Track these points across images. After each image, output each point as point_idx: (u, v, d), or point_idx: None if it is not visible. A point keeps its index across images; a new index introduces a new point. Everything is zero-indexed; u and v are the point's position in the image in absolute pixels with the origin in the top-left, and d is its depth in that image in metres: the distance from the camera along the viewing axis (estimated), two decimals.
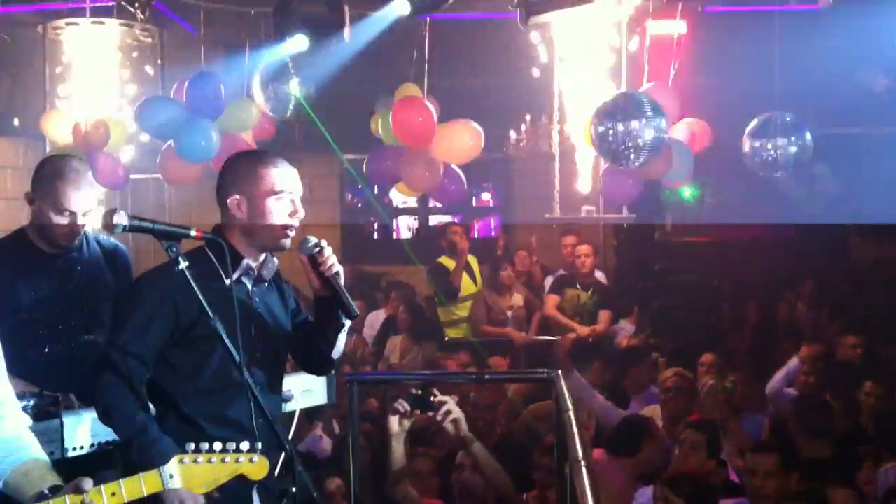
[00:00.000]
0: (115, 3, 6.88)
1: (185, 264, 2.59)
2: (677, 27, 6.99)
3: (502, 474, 3.96)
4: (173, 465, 2.25)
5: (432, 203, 11.38)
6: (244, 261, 2.87)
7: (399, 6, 6.41)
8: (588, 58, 6.92)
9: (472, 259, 8.33)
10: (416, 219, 11.89)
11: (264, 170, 2.86)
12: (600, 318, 7.82)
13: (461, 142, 6.94)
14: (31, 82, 7.97)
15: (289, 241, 2.93)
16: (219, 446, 2.27)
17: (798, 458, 4.64)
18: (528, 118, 8.88)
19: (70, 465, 2.93)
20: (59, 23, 7.30)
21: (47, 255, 3.47)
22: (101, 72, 7.34)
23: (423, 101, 6.81)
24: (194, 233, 2.64)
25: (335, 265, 2.91)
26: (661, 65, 6.84)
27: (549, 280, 8.52)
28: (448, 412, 3.65)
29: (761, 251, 10.09)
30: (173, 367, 2.83)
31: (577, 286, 7.94)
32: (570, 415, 3.23)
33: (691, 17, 7.09)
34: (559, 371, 3.98)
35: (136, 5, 6.86)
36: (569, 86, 7.32)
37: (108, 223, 2.52)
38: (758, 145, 6.17)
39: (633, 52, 6.79)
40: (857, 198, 9.74)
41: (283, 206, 2.86)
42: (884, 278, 9.61)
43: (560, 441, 3.39)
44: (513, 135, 8.96)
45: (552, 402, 3.94)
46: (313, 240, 2.90)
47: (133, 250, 4.12)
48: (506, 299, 8.10)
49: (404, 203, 11.75)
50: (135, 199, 8.14)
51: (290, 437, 3.30)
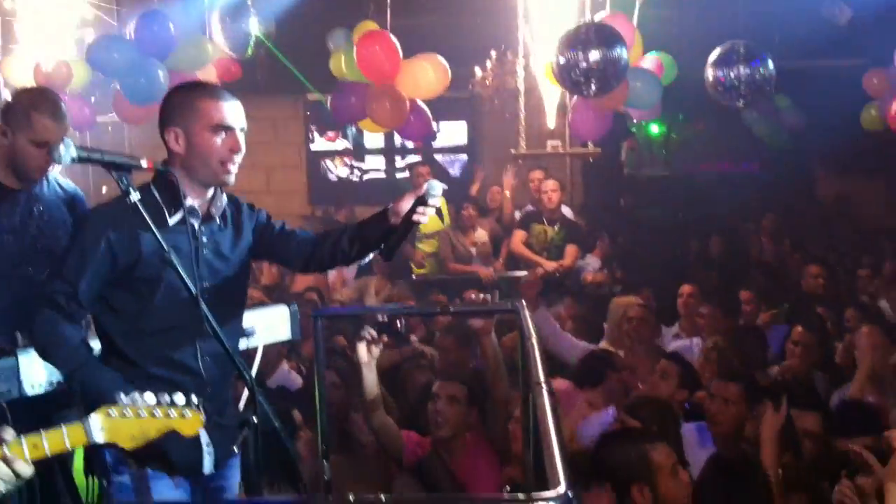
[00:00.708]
0: None
1: (136, 196, 2.53)
2: None
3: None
4: (99, 418, 2.16)
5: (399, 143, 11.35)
6: (186, 200, 2.73)
7: None
8: None
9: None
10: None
11: (202, 102, 2.70)
12: (567, 253, 7.83)
13: (426, 77, 6.86)
14: None
15: (231, 177, 2.76)
16: (151, 399, 2.17)
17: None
18: (494, 55, 8.79)
19: (28, 405, 2.89)
20: None
21: (11, 191, 3.41)
22: (60, 12, 7.16)
23: (388, 35, 6.70)
24: (145, 163, 2.56)
25: (424, 220, 2.82)
26: None
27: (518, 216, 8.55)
28: None
29: (727, 186, 10.16)
30: (116, 311, 2.75)
31: (544, 221, 7.94)
32: (534, 342, 3.25)
33: None
34: (523, 301, 4.01)
35: None
36: (533, 21, 7.24)
37: (57, 154, 2.45)
38: (720, 74, 6.16)
39: None
40: (821, 132, 9.78)
41: (221, 140, 2.70)
42: (847, 211, 9.75)
43: (524, 367, 3.41)
44: (478, 72, 8.86)
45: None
46: (439, 192, 2.79)
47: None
48: (469, 236, 8.11)
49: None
50: (94, 141, 8.00)
51: (255, 374, 3.26)
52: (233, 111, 2.74)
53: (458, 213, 8.29)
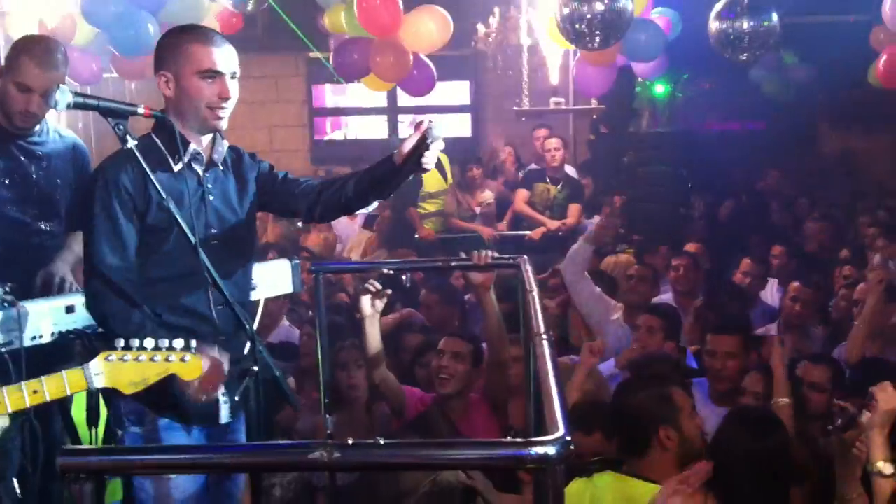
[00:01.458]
0: None
1: (133, 143, 2.51)
2: None
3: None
4: (99, 363, 2.18)
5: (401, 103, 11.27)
6: (191, 145, 2.73)
7: None
8: None
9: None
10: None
11: (192, 46, 2.66)
12: (570, 212, 7.82)
13: (428, 29, 6.79)
14: None
15: (222, 123, 2.73)
16: (150, 343, 2.20)
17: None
18: (497, 11, 8.69)
19: (29, 355, 2.89)
20: None
21: (10, 135, 3.39)
22: None
23: None
24: (142, 110, 2.53)
25: (431, 164, 2.75)
26: None
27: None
28: None
29: (731, 142, 10.09)
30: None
31: (547, 180, 7.92)
32: (534, 294, 3.24)
33: None
34: (525, 257, 4.00)
35: None
36: None
37: (52, 100, 2.43)
38: (724, 27, 6.09)
39: None
40: (827, 89, 9.70)
41: (209, 86, 2.66)
42: (850, 168, 9.69)
43: (525, 320, 3.41)
44: (481, 28, 8.77)
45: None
46: (442, 133, 2.71)
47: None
48: (476, 196, 8.07)
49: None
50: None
51: (256, 328, 3.26)
52: (223, 56, 2.70)
53: (464, 174, 8.24)
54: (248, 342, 2.75)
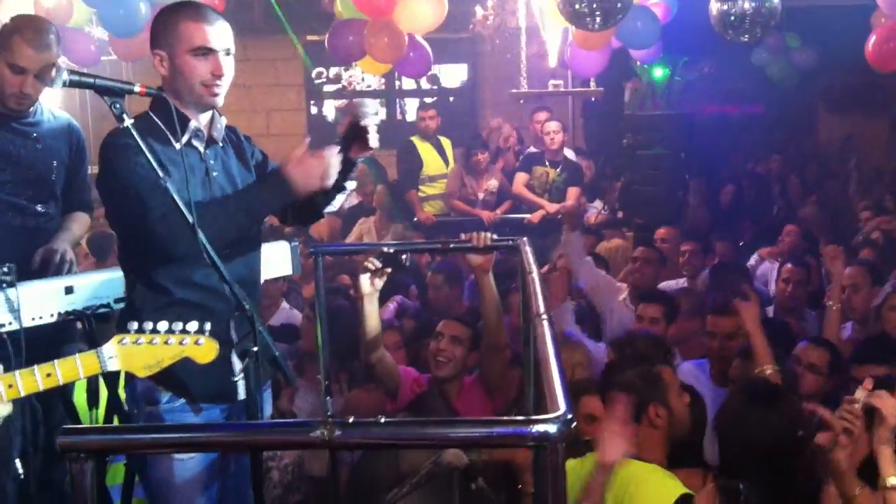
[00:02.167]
0: None
1: (130, 121, 2.48)
2: None
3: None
4: (112, 347, 2.17)
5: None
6: (190, 122, 2.72)
7: None
8: None
9: (445, 141, 8.23)
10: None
11: (184, 24, 2.65)
12: (569, 195, 7.81)
13: (423, 9, 6.75)
14: None
15: (217, 100, 2.72)
16: (164, 326, 2.19)
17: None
18: None
19: (29, 336, 2.89)
20: None
21: (1, 114, 3.37)
22: None
23: None
24: (138, 88, 2.51)
25: (374, 142, 2.76)
26: None
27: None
28: None
29: (730, 126, 10.08)
30: (141, 233, 2.72)
31: (546, 163, 7.90)
32: (534, 276, 3.23)
33: None
34: (524, 238, 3.98)
35: None
36: None
37: (48, 78, 2.41)
38: (725, 7, 6.06)
39: None
40: (827, 72, 9.68)
41: (202, 63, 2.65)
42: (850, 153, 9.68)
43: (525, 301, 3.41)
44: (479, 11, 8.72)
45: None
46: (373, 109, 2.73)
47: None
48: (482, 182, 8.03)
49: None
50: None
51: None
52: (216, 33, 2.68)
53: (468, 158, 8.20)
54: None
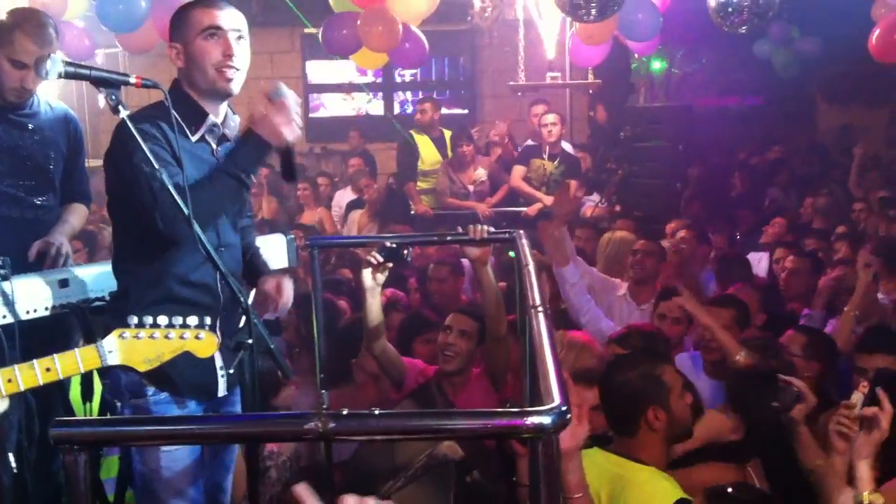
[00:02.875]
0: None
1: (125, 113, 2.48)
2: None
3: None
4: (112, 341, 2.17)
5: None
6: (209, 117, 2.75)
7: None
8: None
9: (447, 132, 8.22)
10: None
11: (195, 11, 2.72)
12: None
13: None
14: None
15: (232, 85, 2.73)
16: (164, 321, 2.19)
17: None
18: None
19: (23, 329, 2.87)
20: None
21: (1, 108, 3.37)
22: None
23: None
24: (133, 80, 2.50)
25: (295, 127, 2.72)
26: None
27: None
28: None
29: (729, 118, 10.06)
30: (139, 228, 2.70)
31: (544, 156, 7.88)
32: (530, 268, 3.23)
33: None
34: (521, 231, 3.98)
35: None
36: None
37: (43, 69, 2.40)
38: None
39: None
40: (827, 63, 9.65)
41: (213, 44, 2.69)
42: (849, 143, 9.66)
43: (521, 293, 3.40)
44: (477, 3, 8.70)
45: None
46: (284, 91, 2.72)
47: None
48: (468, 174, 8.02)
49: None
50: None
51: (252, 302, 3.24)
52: (226, 16, 2.73)
53: (454, 151, 8.20)
54: (243, 315, 2.74)
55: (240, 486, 3.27)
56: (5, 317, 2.88)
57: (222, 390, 2.83)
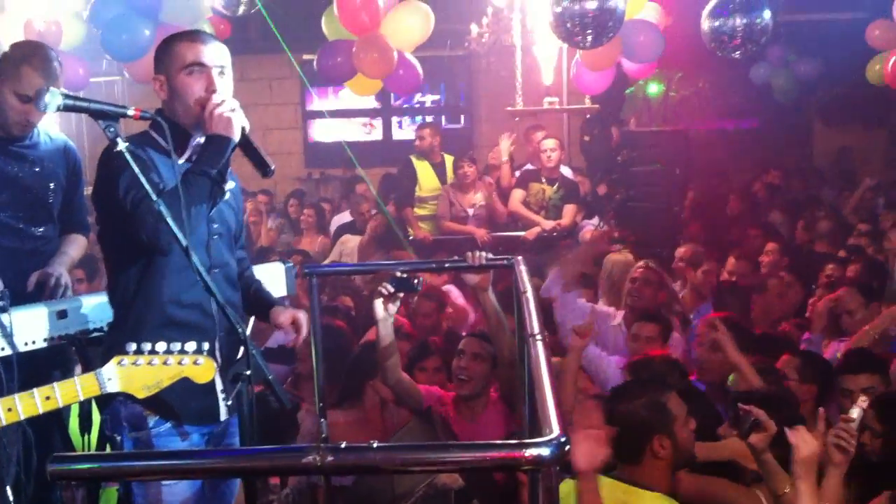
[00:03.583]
0: None
1: (124, 145, 2.49)
2: None
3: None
4: (112, 368, 2.17)
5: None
6: (193, 138, 2.75)
7: None
8: None
9: (448, 158, 8.22)
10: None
11: (179, 45, 2.73)
12: (565, 213, 7.81)
13: (409, 25, 6.79)
14: None
15: None
16: (162, 347, 2.19)
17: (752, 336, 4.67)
18: (490, 11, 8.67)
19: (21, 361, 2.87)
20: None
21: (1, 140, 3.38)
22: None
23: None
24: (132, 111, 2.51)
25: (239, 114, 2.68)
26: None
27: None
28: None
29: (725, 141, 10.10)
30: (136, 248, 2.69)
31: (543, 181, 7.90)
32: (528, 295, 3.23)
33: None
34: (519, 257, 3.98)
35: None
36: None
37: (42, 102, 2.41)
38: (717, 24, 6.09)
39: None
40: (823, 86, 9.71)
41: (195, 80, 2.70)
42: (848, 165, 9.70)
43: (519, 321, 3.40)
44: (474, 29, 8.75)
45: None
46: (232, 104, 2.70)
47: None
48: (469, 197, 8.03)
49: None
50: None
51: (250, 332, 3.24)
52: (210, 51, 2.73)
53: (455, 172, 8.20)
54: (241, 345, 2.73)
55: None
56: (4, 349, 2.88)
57: (224, 414, 2.81)
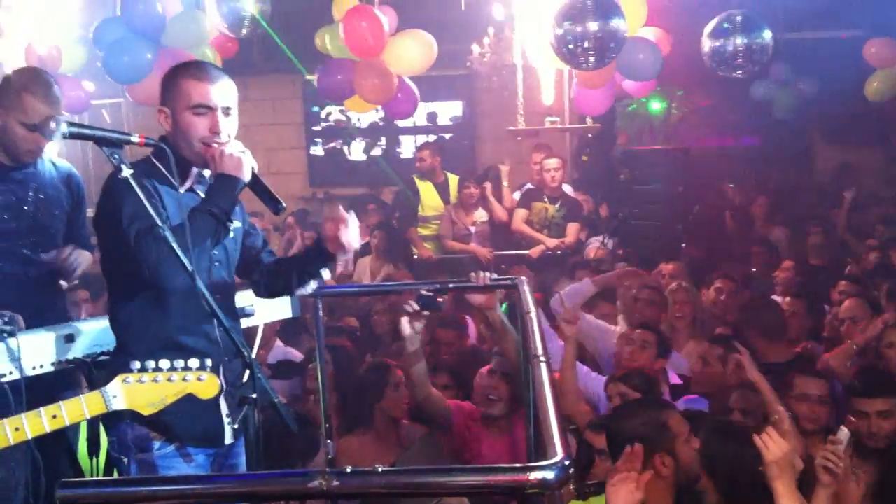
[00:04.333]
0: None
1: (129, 172, 2.50)
2: None
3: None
4: (116, 386, 2.18)
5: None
6: (193, 168, 2.76)
7: None
8: None
9: (452, 178, 8.26)
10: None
11: (185, 82, 2.71)
12: (568, 231, 7.83)
13: (411, 53, 6.81)
14: None
15: None
16: (166, 364, 2.21)
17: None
18: (491, 31, 8.74)
19: (29, 385, 2.88)
20: None
21: (6, 169, 3.40)
22: None
23: (373, 9, 6.66)
24: (136, 138, 2.53)
25: (248, 155, 2.71)
26: None
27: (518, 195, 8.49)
28: None
29: (726, 159, 10.12)
30: (134, 279, 2.68)
31: (545, 199, 7.93)
32: (532, 315, 3.25)
33: None
34: (523, 277, 4.00)
35: None
36: None
37: (48, 131, 2.44)
38: (717, 44, 6.12)
39: None
40: (822, 104, 9.74)
41: (201, 121, 2.69)
42: (850, 182, 9.70)
43: (523, 342, 3.41)
44: (476, 48, 8.80)
45: None
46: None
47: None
48: (470, 215, 8.06)
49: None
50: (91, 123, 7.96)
51: (255, 354, 3.25)
52: (217, 92, 2.72)
53: (459, 192, 8.22)
54: (246, 368, 2.74)
55: None
56: (12, 373, 2.89)
57: (229, 438, 2.81)
